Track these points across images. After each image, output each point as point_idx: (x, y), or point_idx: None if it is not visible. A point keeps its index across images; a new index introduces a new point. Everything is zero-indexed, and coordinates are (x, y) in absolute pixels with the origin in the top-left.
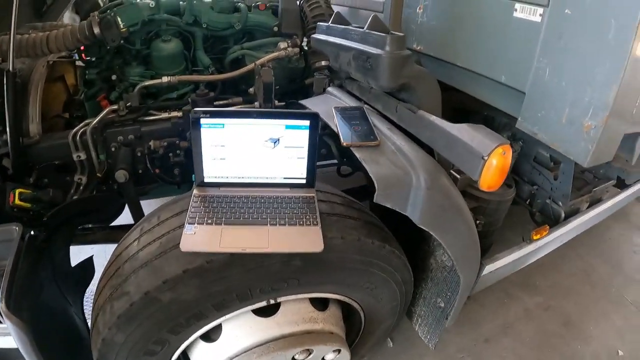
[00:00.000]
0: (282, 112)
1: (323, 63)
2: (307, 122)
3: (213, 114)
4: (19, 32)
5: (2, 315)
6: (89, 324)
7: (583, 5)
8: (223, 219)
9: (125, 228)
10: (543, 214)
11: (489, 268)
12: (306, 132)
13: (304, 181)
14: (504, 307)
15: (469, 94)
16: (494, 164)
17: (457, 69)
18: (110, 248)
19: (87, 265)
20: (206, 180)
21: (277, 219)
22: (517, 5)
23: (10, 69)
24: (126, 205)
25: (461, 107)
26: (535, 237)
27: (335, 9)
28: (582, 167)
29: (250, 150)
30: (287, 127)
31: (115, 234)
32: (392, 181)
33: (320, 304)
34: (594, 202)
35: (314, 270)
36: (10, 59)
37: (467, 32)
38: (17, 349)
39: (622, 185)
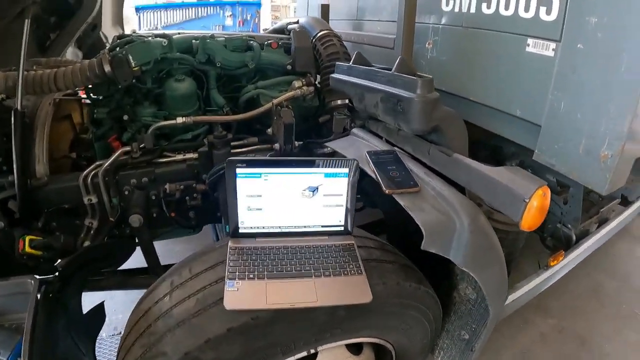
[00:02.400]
0: (322, 161)
1: (340, 102)
2: (346, 170)
3: (250, 164)
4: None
5: None
6: None
7: (595, 39)
8: (265, 272)
9: (137, 272)
10: (554, 238)
11: (511, 297)
12: (345, 180)
13: (341, 228)
14: (521, 333)
15: (476, 125)
16: (535, 205)
17: (470, 102)
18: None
19: (99, 311)
20: (241, 230)
21: (322, 270)
22: (530, 41)
23: (19, 107)
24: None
25: (469, 138)
26: (552, 264)
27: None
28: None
29: (288, 199)
30: (327, 175)
31: (128, 280)
32: (439, 228)
33: (355, 348)
34: (602, 222)
35: (357, 317)
36: (18, 97)
37: (479, 67)
38: None
39: (625, 202)
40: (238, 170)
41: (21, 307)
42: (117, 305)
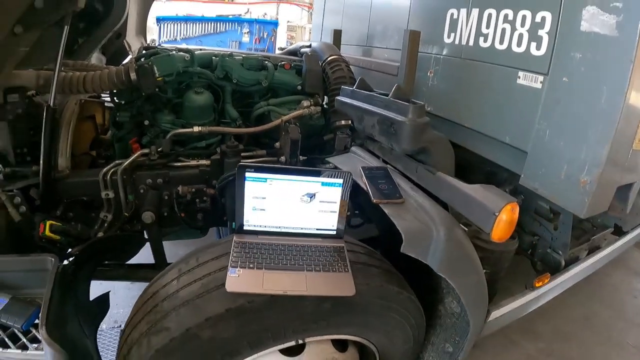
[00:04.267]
0: (319, 171)
1: (343, 122)
2: (340, 180)
3: (257, 169)
4: (50, 68)
5: (42, 342)
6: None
7: (579, 73)
8: (264, 264)
9: (143, 267)
10: (544, 262)
11: (494, 314)
12: (339, 189)
13: (334, 232)
14: (506, 353)
15: (473, 152)
16: (504, 219)
17: (464, 129)
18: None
19: (104, 300)
20: (245, 227)
21: (313, 266)
22: (520, 73)
23: (51, 104)
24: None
25: (466, 163)
26: (537, 285)
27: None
28: (579, 217)
29: (289, 203)
30: (323, 184)
31: (133, 272)
32: (417, 234)
33: (340, 346)
34: (593, 250)
35: (341, 312)
36: (52, 94)
37: (474, 96)
38: None
39: (619, 232)
40: (247, 174)
41: (36, 283)
42: (119, 300)
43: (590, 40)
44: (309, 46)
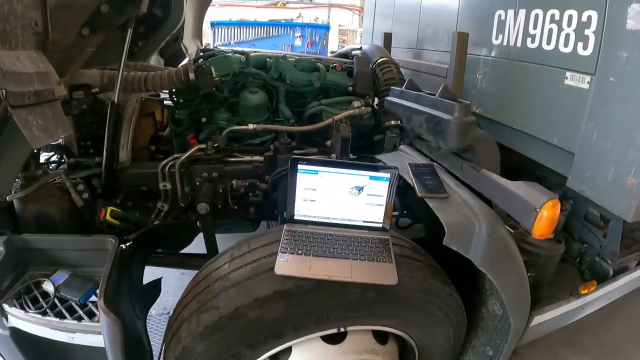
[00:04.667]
0: (368, 165)
1: (393, 122)
2: (388, 175)
3: (309, 162)
4: (113, 68)
5: (98, 311)
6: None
7: (626, 73)
8: (311, 251)
9: (195, 257)
10: (592, 271)
11: (537, 319)
12: (386, 184)
13: (380, 225)
14: None
15: (523, 155)
16: (545, 215)
17: (513, 131)
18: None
19: (156, 285)
20: (296, 217)
21: (358, 255)
22: (568, 74)
23: (116, 100)
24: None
25: (516, 166)
26: (582, 292)
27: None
28: (631, 225)
29: (338, 195)
30: (371, 177)
31: (186, 261)
32: (459, 227)
33: (380, 338)
34: None
35: (384, 302)
36: (116, 91)
37: (522, 98)
38: (102, 349)
39: None
40: (299, 166)
41: (95, 262)
42: (170, 288)
43: (637, 39)
44: (360, 49)
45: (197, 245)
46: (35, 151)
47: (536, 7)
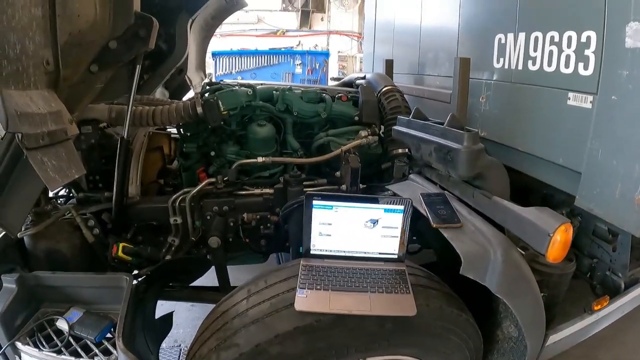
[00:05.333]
0: (382, 198)
1: (400, 151)
2: (402, 207)
3: (324, 197)
4: (120, 102)
5: (117, 351)
6: None
7: (628, 91)
8: (330, 285)
9: (206, 290)
10: (603, 285)
11: (552, 338)
12: (401, 215)
13: (395, 256)
14: None
15: (529, 175)
16: (558, 240)
17: (518, 152)
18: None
19: (168, 319)
20: (312, 252)
21: (376, 288)
22: (570, 94)
23: (125, 136)
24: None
25: (523, 186)
26: (596, 308)
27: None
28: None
29: (353, 228)
30: (386, 210)
31: (197, 294)
32: (475, 256)
33: None
34: None
35: (402, 332)
36: (126, 127)
37: (526, 119)
38: None
39: None
40: (314, 202)
41: (108, 299)
42: (181, 321)
43: (636, 57)
44: (364, 77)
45: (207, 278)
46: None
47: (535, 30)
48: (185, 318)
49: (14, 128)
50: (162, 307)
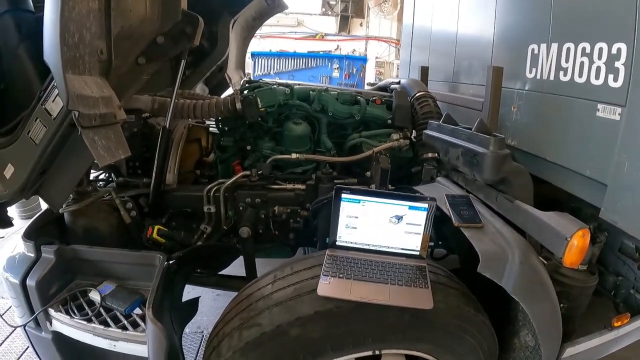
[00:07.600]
0: (407, 196)
1: (430, 155)
2: (426, 205)
3: (353, 191)
4: (163, 95)
5: (145, 321)
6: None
7: None
8: (352, 275)
9: (233, 278)
10: (627, 304)
11: (569, 351)
12: (424, 213)
13: (417, 253)
14: None
15: (558, 187)
16: (575, 244)
17: (547, 162)
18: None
19: (194, 303)
20: (338, 243)
21: (396, 280)
22: (600, 106)
23: (167, 126)
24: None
25: (552, 197)
26: (615, 324)
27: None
28: None
29: (378, 223)
30: (410, 207)
31: (225, 282)
32: (493, 256)
33: None
34: None
35: (419, 327)
36: (168, 118)
37: (556, 130)
38: (141, 358)
39: None
40: (343, 195)
41: (140, 277)
42: (205, 309)
43: None
44: (398, 82)
45: (233, 268)
46: None
47: (568, 40)
48: (210, 307)
49: (72, 106)
50: (189, 294)
